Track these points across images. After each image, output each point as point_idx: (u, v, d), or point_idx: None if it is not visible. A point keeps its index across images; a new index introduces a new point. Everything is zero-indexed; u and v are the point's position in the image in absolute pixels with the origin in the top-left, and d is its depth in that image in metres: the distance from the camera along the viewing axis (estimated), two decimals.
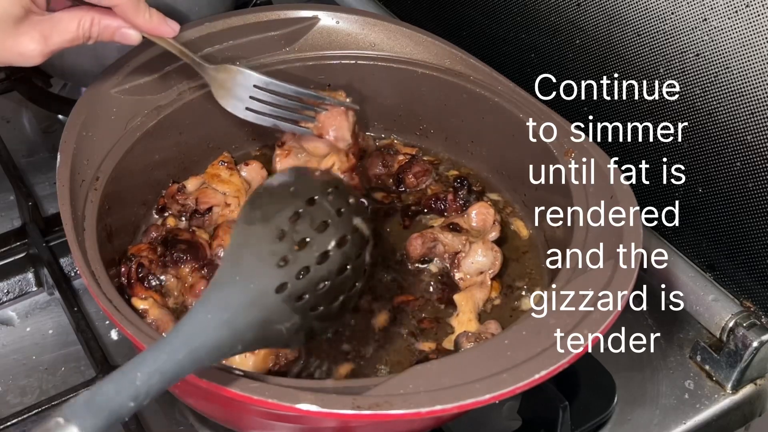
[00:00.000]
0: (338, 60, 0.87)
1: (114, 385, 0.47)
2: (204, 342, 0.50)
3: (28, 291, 0.83)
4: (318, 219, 0.56)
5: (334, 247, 0.56)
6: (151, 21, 0.67)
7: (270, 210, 0.56)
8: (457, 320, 0.72)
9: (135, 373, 0.47)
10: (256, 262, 0.54)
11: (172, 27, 0.71)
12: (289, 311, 0.54)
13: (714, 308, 0.79)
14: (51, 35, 0.60)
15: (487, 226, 0.78)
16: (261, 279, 0.54)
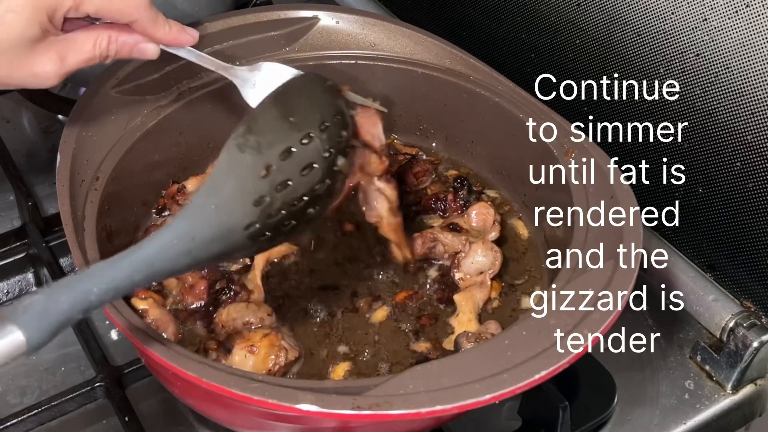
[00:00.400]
0: (338, 60, 0.87)
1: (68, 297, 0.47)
2: (164, 267, 0.50)
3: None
4: (306, 161, 0.55)
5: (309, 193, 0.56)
6: (171, 32, 0.67)
7: (264, 140, 0.55)
8: (457, 320, 0.72)
9: (92, 287, 0.47)
10: (236, 194, 0.53)
11: (192, 35, 0.70)
12: (249, 245, 0.54)
13: (714, 308, 0.79)
14: (67, 55, 0.60)
15: (487, 226, 0.78)
16: (234, 215, 0.53)
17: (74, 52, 0.60)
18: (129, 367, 0.73)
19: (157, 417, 0.71)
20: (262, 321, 0.69)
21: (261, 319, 0.69)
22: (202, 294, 0.72)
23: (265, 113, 0.56)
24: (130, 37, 0.64)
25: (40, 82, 0.60)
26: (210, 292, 0.72)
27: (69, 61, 0.60)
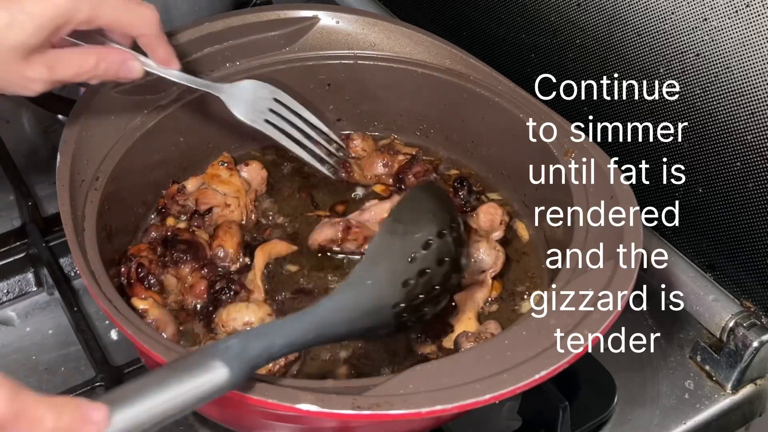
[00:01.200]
0: (338, 60, 0.87)
1: (258, 345, 0.52)
2: (329, 331, 0.55)
3: (28, 291, 0.83)
4: (441, 255, 0.60)
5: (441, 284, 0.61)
6: (168, 53, 0.69)
7: (410, 229, 0.60)
8: (457, 320, 0.72)
9: (275, 340, 0.53)
10: (389, 273, 0.59)
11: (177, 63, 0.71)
12: (392, 323, 0.58)
13: (714, 308, 0.79)
14: (56, 67, 0.61)
15: (494, 226, 0.78)
16: (387, 292, 0.58)
17: (62, 64, 0.62)
18: (129, 367, 0.73)
19: None
20: (262, 321, 0.69)
21: (261, 319, 0.69)
22: (202, 294, 0.72)
23: (410, 206, 0.62)
24: (117, 56, 0.65)
25: (30, 86, 0.61)
26: (210, 292, 0.72)
27: (58, 73, 0.61)
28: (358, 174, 0.86)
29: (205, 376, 0.49)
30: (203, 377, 0.49)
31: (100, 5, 0.60)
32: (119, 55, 0.65)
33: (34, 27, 0.58)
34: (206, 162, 0.85)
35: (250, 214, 0.80)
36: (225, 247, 0.75)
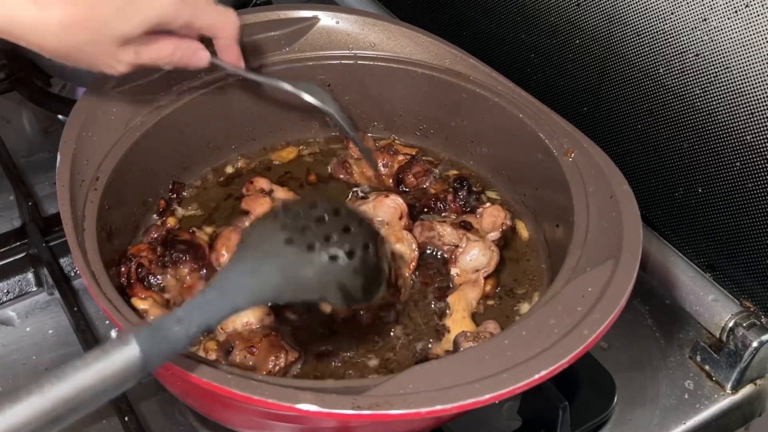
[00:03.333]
0: (338, 60, 0.87)
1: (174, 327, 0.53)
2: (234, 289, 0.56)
3: (28, 291, 0.83)
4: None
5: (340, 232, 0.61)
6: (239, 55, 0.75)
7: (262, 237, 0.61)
8: (451, 320, 0.72)
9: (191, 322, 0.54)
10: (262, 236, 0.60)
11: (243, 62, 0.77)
12: (306, 257, 0.58)
13: (714, 308, 0.79)
14: (141, 52, 0.66)
15: (496, 227, 0.78)
16: (268, 240, 0.59)
17: (147, 50, 0.67)
18: None
19: (157, 417, 0.71)
20: (261, 321, 0.69)
21: (260, 320, 0.69)
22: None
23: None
24: (190, 46, 0.70)
25: (116, 67, 0.66)
26: None
27: (142, 56, 0.66)
28: (358, 174, 0.86)
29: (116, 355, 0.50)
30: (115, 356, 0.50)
31: (199, 12, 0.67)
32: (191, 45, 0.70)
33: (139, 22, 0.63)
34: (206, 162, 0.85)
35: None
36: (221, 261, 0.74)
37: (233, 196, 0.84)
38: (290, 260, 0.58)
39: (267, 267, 0.58)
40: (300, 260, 0.58)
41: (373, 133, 0.91)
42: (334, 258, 0.59)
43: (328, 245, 0.59)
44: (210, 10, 0.69)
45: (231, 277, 0.57)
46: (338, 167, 0.87)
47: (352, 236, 0.61)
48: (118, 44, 0.64)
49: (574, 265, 0.64)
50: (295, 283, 0.58)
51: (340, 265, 0.59)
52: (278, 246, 0.58)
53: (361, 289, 0.60)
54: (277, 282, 0.57)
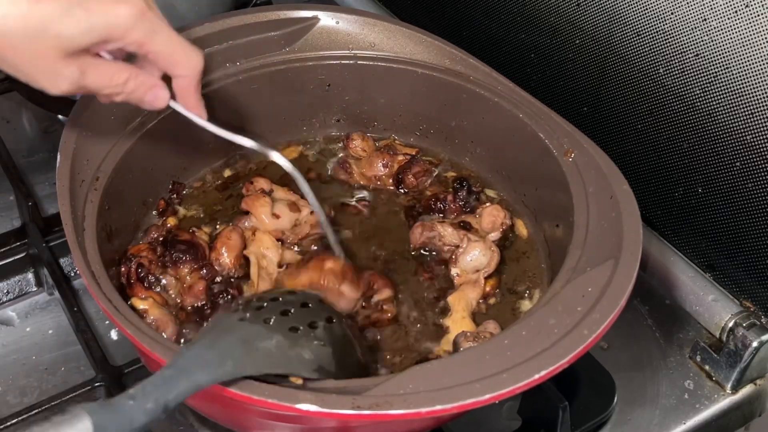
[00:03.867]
0: (338, 60, 0.87)
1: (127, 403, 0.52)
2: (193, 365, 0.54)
3: (28, 291, 0.83)
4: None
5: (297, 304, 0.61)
6: (198, 102, 0.68)
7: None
8: (451, 320, 0.72)
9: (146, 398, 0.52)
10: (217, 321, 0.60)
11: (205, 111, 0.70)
12: (264, 330, 0.58)
13: (714, 308, 0.79)
14: (86, 73, 0.59)
15: (495, 227, 0.78)
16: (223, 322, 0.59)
17: (95, 73, 0.60)
18: (129, 367, 0.73)
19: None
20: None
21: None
22: (200, 294, 0.72)
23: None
24: (148, 78, 0.63)
25: (54, 86, 0.59)
26: (209, 293, 0.72)
27: (88, 78, 0.60)
28: (358, 174, 0.86)
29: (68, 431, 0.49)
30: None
31: (155, 33, 0.59)
32: (150, 80, 0.63)
33: (87, 26, 0.56)
34: (206, 162, 0.85)
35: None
36: (221, 261, 0.74)
37: (233, 196, 0.84)
38: (248, 334, 0.57)
39: (226, 341, 0.56)
40: (258, 333, 0.57)
41: (373, 133, 0.91)
42: (295, 329, 0.58)
43: (285, 318, 0.59)
44: (171, 38, 0.61)
45: (188, 354, 0.55)
46: (338, 167, 0.87)
47: (311, 310, 0.61)
48: (60, 54, 0.57)
49: (574, 265, 0.64)
50: (256, 355, 0.56)
51: (302, 335, 0.58)
52: (233, 324, 0.58)
53: (333, 361, 0.59)
54: (238, 354, 0.56)
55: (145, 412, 0.52)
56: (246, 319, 0.58)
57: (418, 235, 0.78)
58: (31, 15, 0.55)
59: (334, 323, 0.61)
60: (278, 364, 0.57)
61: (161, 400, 0.52)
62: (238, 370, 0.55)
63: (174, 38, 0.62)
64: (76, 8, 0.56)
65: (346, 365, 0.60)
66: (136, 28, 0.58)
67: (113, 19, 0.57)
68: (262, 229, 0.77)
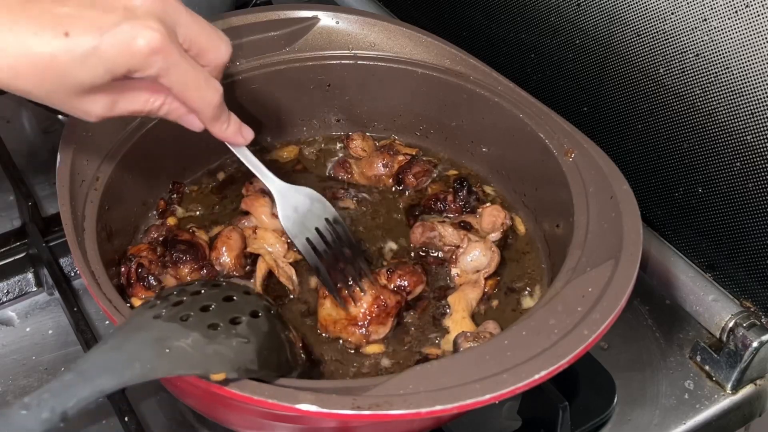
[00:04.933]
0: (338, 60, 0.87)
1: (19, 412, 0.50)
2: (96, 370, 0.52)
3: (28, 291, 0.83)
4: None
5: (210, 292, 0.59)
6: (227, 131, 0.66)
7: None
8: (451, 320, 0.72)
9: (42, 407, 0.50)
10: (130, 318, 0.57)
11: (245, 136, 0.68)
12: (180, 328, 0.55)
13: (714, 308, 0.79)
14: (118, 102, 0.59)
15: (496, 227, 0.78)
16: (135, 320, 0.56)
17: (126, 100, 0.60)
18: None
19: (157, 417, 0.71)
20: None
21: None
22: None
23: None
24: (182, 105, 0.63)
25: (85, 117, 0.59)
26: None
27: (118, 107, 0.60)
28: (358, 174, 0.86)
29: None
30: None
31: (172, 67, 0.57)
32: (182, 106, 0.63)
33: (104, 70, 0.55)
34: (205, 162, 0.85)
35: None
36: (221, 260, 0.74)
37: (233, 196, 0.84)
38: (161, 333, 0.54)
39: (135, 341, 0.53)
40: (172, 331, 0.54)
41: (373, 133, 0.91)
42: (214, 326, 0.55)
43: (205, 314, 0.56)
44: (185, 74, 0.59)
45: (92, 357, 0.52)
46: (338, 167, 0.87)
47: (235, 304, 0.58)
48: (82, 94, 0.56)
49: (574, 266, 0.64)
50: (170, 356, 0.53)
51: (222, 332, 0.55)
52: (146, 321, 0.55)
53: (256, 359, 0.55)
54: (148, 356, 0.53)
55: (40, 422, 0.49)
56: (161, 317, 0.55)
57: (418, 235, 0.78)
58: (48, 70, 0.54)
59: (260, 317, 0.58)
60: (194, 364, 0.54)
61: (59, 409, 0.50)
62: (148, 372, 0.52)
63: (188, 73, 0.59)
64: (90, 57, 0.54)
65: (271, 361, 0.57)
66: (150, 64, 0.56)
67: (128, 59, 0.56)
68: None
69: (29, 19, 0.54)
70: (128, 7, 0.56)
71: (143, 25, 0.55)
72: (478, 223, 0.79)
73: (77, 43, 0.54)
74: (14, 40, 0.53)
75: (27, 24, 0.53)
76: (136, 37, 0.55)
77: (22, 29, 0.53)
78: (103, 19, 0.55)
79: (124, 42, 0.55)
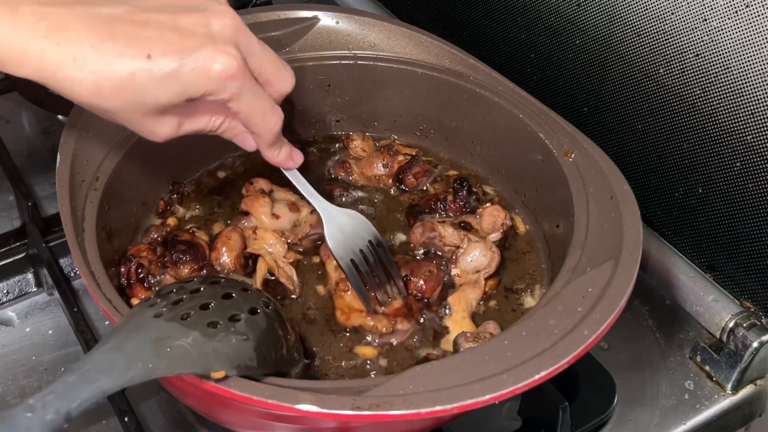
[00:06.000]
0: (338, 60, 0.87)
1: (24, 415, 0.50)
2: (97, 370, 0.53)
3: (28, 291, 0.83)
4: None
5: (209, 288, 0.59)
6: (279, 156, 0.69)
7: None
8: (451, 320, 0.72)
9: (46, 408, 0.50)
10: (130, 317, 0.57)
11: (295, 160, 0.70)
12: (180, 327, 0.55)
13: (714, 308, 0.79)
14: (185, 122, 0.61)
15: (496, 227, 0.78)
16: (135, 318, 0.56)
17: (191, 120, 0.62)
18: None
19: (157, 417, 0.71)
20: None
21: None
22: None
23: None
24: (240, 125, 0.64)
25: (153, 136, 0.61)
26: None
27: (184, 127, 0.62)
28: (358, 174, 0.86)
29: None
30: None
31: (243, 93, 0.59)
32: (240, 126, 0.65)
33: (180, 91, 0.57)
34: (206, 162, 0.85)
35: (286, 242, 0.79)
36: (221, 261, 0.74)
37: (233, 196, 0.84)
38: (161, 332, 0.54)
39: (135, 341, 0.54)
40: (173, 331, 0.55)
41: (373, 133, 0.91)
42: (214, 324, 0.56)
43: (205, 312, 0.56)
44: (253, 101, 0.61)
45: (93, 358, 0.53)
46: (338, 167, 0.87)
47: (234, 302, 0.58)
48: (154, 114, 0.59)
49: (574, 266, 0.64)
50: (170, 356, 0.54)
51: (222, 330, 0.55)
52: (146, 321, 0.55)
53: (255, 356, 0.56)
54: (148, 356, 0.53)
55: (44, 424, 0.50)
56: (161, 315, 0.56)
57: (418, 235, 0.78)
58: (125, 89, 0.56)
59: (258, 314, 0.58)
60: (194, 363, 0.54)
61: (63, 410, 0.51)
62: (149, 372, 0.53)
63: (257, 100, 0.61)
64: (170, 79, 0.56)
65: (269, 358, 0.58)
66: (226, 89, 0.58)
67: (206, 82, 0.57)
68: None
69: (114, 39, 0.55)
70: (208, 33, 0.57)
71: (222, 51, 0.57)
72: (478, 223, 0.79)
73: (158, 65, 0.56)
74: (98, 59, 0.55)
75: (112, 45, 0.55)
76: (215, 61, 0.57)
77: (107, 49, 0.55)
78: (184, 43, 0.56)
79: (203, 66, 0.57)
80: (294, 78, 0.65)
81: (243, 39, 0.59)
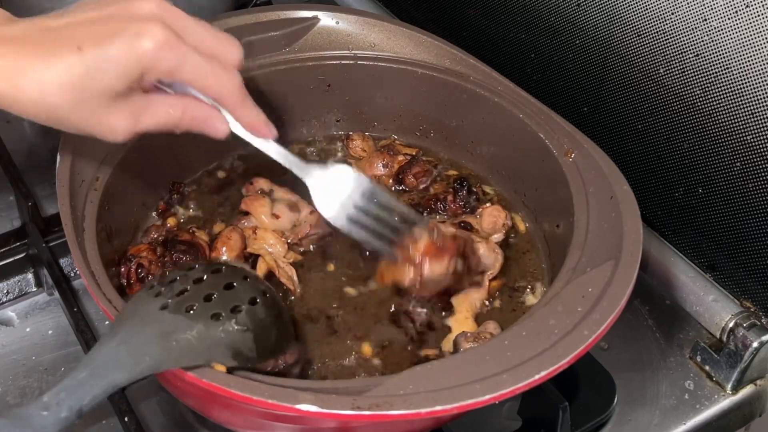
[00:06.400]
0: (338, 60, 0.87)
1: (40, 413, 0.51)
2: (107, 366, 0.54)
3: (28, 291, 0.83)
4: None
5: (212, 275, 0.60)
6: (258, 118, 0.65)
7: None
8: (454, 320, 0.72)
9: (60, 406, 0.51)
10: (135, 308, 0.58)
11: (272, 131, 0.67)
12: (185, 320, 0.56)
13: (714, 308, 0.79)
14: (141, 116, 0.60)
15: (496, 228, 0.78)
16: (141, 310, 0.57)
17: (148, 114, 0.60)
18: None
19: (157, 417, 0.71)
20: None
21: None
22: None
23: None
24: (203, 110, 0.63)
25: (112, 135, 0.60)
26: None
27: (142, 122, 0.60)
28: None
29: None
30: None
31: (184, 60, 0.59)
32: (205, 111, 0.63)
33: (117, 72, 0.57)
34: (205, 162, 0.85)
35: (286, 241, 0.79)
36: (221, 260, 0.74)
37: (233, 196, 0.84)
38: (168, 326, 0.55)
39: (142, 336, 0.55)
40: (178, 324, 0.56)
41: (373, 133, 0.91)
42: (217, 316, 0.57)
43: (208, 304, 0.57)
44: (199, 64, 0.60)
45: (102, 353, 0.54)
46: None
47: (235, 292, 0.59)
48: (106, 106, 0.58)
49: (574, 266, 0.64)
50: (176, 349, 0.55)
51: (224, 322, 0.57)
52: (153, 314, 0.56)
53: (253, 347, 0.57)
54: (155, 351, 0.54)
55: (59, 421, 0.50)
56: (168, 307, 0.56)
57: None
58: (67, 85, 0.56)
59: (258, 304, 0.59)
60: (197, 356, 0.55)
61: (75, 407, 0.51)
62: (156, 366, 0.54)
63: (200, 62, 0.60)
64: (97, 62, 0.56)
65: (268, 347, 0.59)
66: (161, 59, 0.58)
67: (137, 57, 0.57)
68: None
69: (47, 44, 0.57)
70: (131, 16, 0.58)
71: (146, 27, 0.57)
72: (478, 223, 0.79)
73: (89, 55, 0.56)
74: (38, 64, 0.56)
75: (47, 49, 0.56)
76: (140, 36, 0.57)
77: (43, 53, 0.56)
78: (109, 29, 0.57)
79: (130, 44, 0.57)
80: (241, 48, 0.63)
81: (169, 16, 0.59)
